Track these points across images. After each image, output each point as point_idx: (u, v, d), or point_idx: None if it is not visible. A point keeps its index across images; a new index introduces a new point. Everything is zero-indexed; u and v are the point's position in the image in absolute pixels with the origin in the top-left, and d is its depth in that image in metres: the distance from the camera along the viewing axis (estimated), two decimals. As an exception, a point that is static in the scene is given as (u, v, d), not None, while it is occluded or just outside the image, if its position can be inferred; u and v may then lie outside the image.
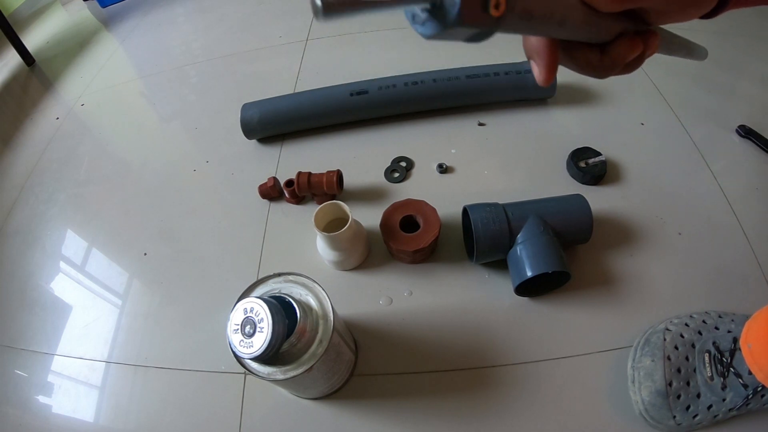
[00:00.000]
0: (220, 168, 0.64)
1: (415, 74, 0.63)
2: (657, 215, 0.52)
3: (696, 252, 0.49)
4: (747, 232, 0.51)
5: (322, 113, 0.63)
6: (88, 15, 1.10)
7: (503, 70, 0.61)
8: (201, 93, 0.77)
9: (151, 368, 0.48)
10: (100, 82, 0.86)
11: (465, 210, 0.47)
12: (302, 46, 0.81)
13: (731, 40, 0.74)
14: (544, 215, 0.45)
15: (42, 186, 0.68)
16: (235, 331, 0.30)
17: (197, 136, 0.69)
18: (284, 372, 0.32)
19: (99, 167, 0.69)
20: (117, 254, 0.58)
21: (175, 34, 0.93)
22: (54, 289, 0.56)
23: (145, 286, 0.54)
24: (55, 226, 0.63)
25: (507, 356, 0.44)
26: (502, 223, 0.45)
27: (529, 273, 0.42)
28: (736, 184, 0.55)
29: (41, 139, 0.76)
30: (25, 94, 0.89)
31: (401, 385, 0.43)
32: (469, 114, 0.65)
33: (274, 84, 0.73)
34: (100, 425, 0.45)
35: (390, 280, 0.50)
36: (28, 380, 0.50)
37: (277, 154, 0.64)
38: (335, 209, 0.49)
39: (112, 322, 0.52)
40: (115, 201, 0.63)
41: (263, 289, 0.36)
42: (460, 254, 0.51)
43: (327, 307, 0.34)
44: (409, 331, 0.46)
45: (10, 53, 0.96)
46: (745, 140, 0.59)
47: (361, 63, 0.75)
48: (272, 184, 0.57)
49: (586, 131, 0.61)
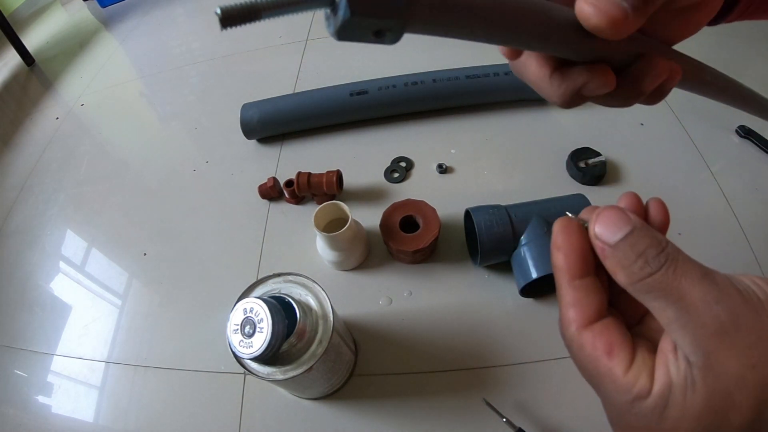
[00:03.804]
0: (220, 168, 0.64)
1: (415, 74, 0.63)
2: (657, 215, 0.52)
3: (696, 252, 0.49)
4: (747, 232, 0.50)
5: (322, 113, 0.63)
6: (87, 15, 1.10)
7: (503, 70, 0.61)
8: (201, 93, 0.77)
9: (151, 368, 0.48)
10: (100, 82, 0.86)
11: (467, 212, 0.47)
12: (302, 46, 0.81)
13: (731, 40, 0.73)
14: (547, 216, 0.45)
15: (42, 186, 0.68)
16: (235, 332, 0.30)
17: (197, 136, 0.69)
18: (284, 372, 0.32)
19: (99, 167, 0.69)
20: (117, 254, 0.58)
21: (175, 34, 0.93)
22: (54, 289, 0.56)
23: (145, 286, 0.54)
24: (54, 226, 0.63)
25: (507, 356, 0.44)
26: (506, 225, 0.44)
27: (535, 274, 0.42)
28: (736, 184, 0.54)
29: (41, 139, 0.76)
30: (25, 94, 0.89)
31: (401, 385, 0.43)
32: (469, 114, 0.65)
33: (274, 84, 0.73)
34: (100, 425, 0.45)
35: (390, 281, 0.50)
36: (27, 380, 0.50)
37: (277, 154, 0.64)
38: (335, 209, 0.49)
39: (112, 322, 0.52)
40: (115, 201, 0.63)
41: (263, 289, 0.36)
42: (460, 254, 0.51)
43: (327, 307, 0.34)
44: (409, 331, 0.46)
45: (10, 53, 0.96)
46: (745, 140, 0.59)
47: (361, 63, 0.75)
48: (272, 184, 0.57)
49: (586, 131, 0.61)
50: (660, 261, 0.16)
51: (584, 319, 0.18)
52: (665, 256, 0.16)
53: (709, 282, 0.16)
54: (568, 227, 0.19)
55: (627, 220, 0.17)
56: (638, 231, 0.17)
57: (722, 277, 0.16)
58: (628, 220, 0.17)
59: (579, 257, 0.19)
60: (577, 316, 0.18)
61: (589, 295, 0.18)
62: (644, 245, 0.17)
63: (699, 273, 0.16)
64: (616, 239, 0.17)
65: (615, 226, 0.17)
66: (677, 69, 0.20)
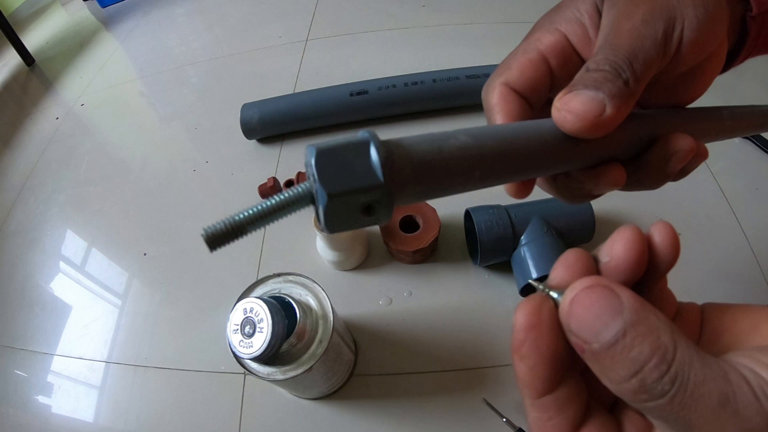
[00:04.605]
0: (220, 168, 0.64)
1: (415, 74, 0.63)
2: (657, 215, 0.52)
3: (696, 252, 0.49)
4: (747, 232, 0.50)
5: (322, 113, 0.63)
6: (87, 15, 1.10)
7: (503, 70, 0.61)
8: (201, 93, 0.77)
9: (151, 368, 0.48)
10: (100, 82, 0.85)
11: (467, 212, 0.47)
12: (302, 46, 0.81)
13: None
14: (547, 216, 0.45)
15: (42, 186, 0.68)
16: (235, 332, 0.30)
17: (197, 136, 0.69)
18: (284, 372, 0.32)
19: (99, 167, 0.69)
20: (117, 254, 0.58)
21: (175, 34, 0.93)
22: (54, 289, 0.56)
23: (145, 286, 0.54)
24: (54, 226, 0.63)
25: (507, 356, 0.44)
26: (506, 224, 0.45)
27: (535, 274, 0.42)
28: (736, 184, 0.54)
29: (41, 139, 0.76)
30: (25, 94, 0.89)
31: (401, 385, 0.43)
32: (469, 114, 0.65)
33: (274, 84, 0.73)
34: (100, 425, 0.45)
35: (390, 281, 0.50)
36: (27, 380, 0.50)
37: (277, 154, 0.64)
38: (335, 209, 0.49)
39: (112, 322, 0.52)
40: (115, 201, 0.63)
41: (263, 289, 0.36)
42: (460, 254, 0.51)
43: (327, 308, 0.34)
44: (409, 331, 0.46)
45: (10, 53, 0.95)
46: (745, 140, 0.59)
47: (361, 63, 0.75)
48: (272, 184, 0.57)
49: (586, 131, 0.61)
50: (664, 388, 0.11)
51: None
52: (671, 379, 0.11)
53: (730, 414, 0.11)
54: (537, 317, 0.13)
55: (616, 309, 0.12)
56: (632, 332, 0.11)
57: (748, 400, 0.11)
58: (617, 311, 0.12)
59: (550, 365, 0.13)
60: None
61: (561, 412, 0.14)
62: (642, 358, 0.11)
63: (717, 399, 0.11)
64: (599, 346, 0.12)
65: (597, 321, 0.12)
66: (703, 150, 0.18)
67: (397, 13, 0.83)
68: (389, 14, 0.83)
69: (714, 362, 0.11)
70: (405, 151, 0.13)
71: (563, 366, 0.13)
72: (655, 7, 0.17)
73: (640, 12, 0.17)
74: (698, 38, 0.17)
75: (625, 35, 0.16)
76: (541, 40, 0.19)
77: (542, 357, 0.13)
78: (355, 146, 0.13)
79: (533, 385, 0.13)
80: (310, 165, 0.12)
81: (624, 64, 0.16)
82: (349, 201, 0.12)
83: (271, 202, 0.13)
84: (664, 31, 0.16)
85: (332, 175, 0.12)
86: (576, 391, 0.14)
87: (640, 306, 0.12)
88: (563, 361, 0.13)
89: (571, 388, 0.14)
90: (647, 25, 0.16)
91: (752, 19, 0.19)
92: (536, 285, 0.14)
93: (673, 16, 0.16)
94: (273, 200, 0.13)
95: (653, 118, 0.18)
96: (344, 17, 0.85)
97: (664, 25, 0.16)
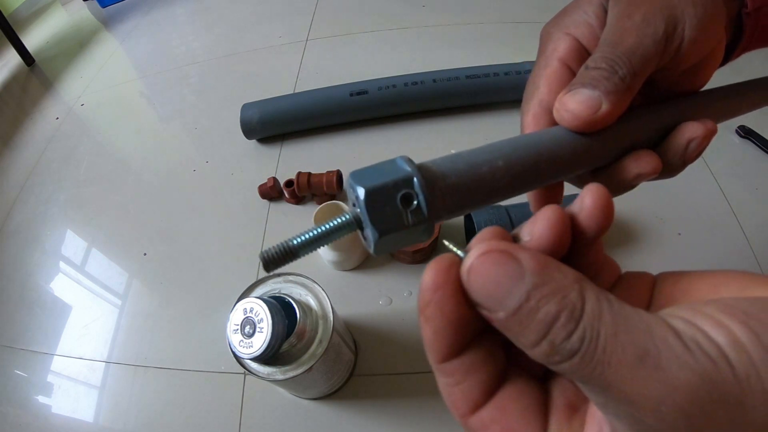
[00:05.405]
0: (219, 168, 0.64)
1: (415, 74, 0.63)
2: (657, 215, 0.52)
3: (696, 252, 0.49)
4: (747, 232, 0.50)
5: (322, 113, 0.63)
6: (87, 15, 1.10)
7: (503, 70, 0.61)
8: (201, 93, 0.77)
9: (151, 368, 0.48)
10: (100, 82, 0.85)
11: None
12: (302, 46, 0.81)
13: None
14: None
15: (42, 186, 0.68)
16: (235, 332, 0.30)
17: (197, 136, 0.69)
18: (284, 372, 0.32)
19: (99, 167, 0.69)
20: (117, 254, 0.58)
21: (175, 34, 0.93)
22: (54, 289, 0.56)
23: (145, 286, 0.54)
24: (55, 226, 0.63)
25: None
26: (506, 225, 0.45)
27: None
28: (736, 184, 0.54)
29: (41, 139, 0.76)
30: (25, 94, 0.89)
31: (401, 385, 0.43)
32: (469, 114, 0.65)
33: (274, 84, 0.73)
34: (100, 425, 0.45)
35: (390, 280, 0.50)
36: (27, 380, 0.50)
37: (277, 154, 0.64)
38: (335, 209, 0.49)
39: (112, 322, 0.52)
40: (115, 201, 0.63)
41: (263, 289, 0.36)
42: (460, 254, 0.51)
43: (327, 308, 0.34)
44: (409, 331, 0.46)
45: (10, 53, 0.96)
46: (745, 140, 0.59)
47: (361, 63, 0.75)
48: (272, 184, 0.57)
49: (586, 131, 0.61)
50: (573, 346, 0.10)
51: (468, 404, 0.13)
52: (580, 337, 0.10)
53: (650, 369, 0.10)
54: (444, 277, 0.12)
55: (516, 274, 0.11)
56: (536, 294, 0.11)
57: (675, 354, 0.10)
58: (518, 275, 0.11)
59: (455, 329, 0.13)
60: (458, 402, 0.13)
61: (469, 377, 0.13)
62: (549, 319, 0.11)
63: (633, 353, 0.10)
64: (505, 314, 0.11)
65: (499, 288, 0.11)
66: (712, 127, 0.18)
67: (397, 13, 0.83)
68: (389, 14, 0.83)
69: (634, 314, 0.10)
70: (446, 184, 0.15)
71: (470, 330, 0.13)
72: (656, 6, 0.17)
73: (641, 11, 0.17)
74: (699, 37, 0.17)
75: (625, 33, 0.17)
76: (557, 49, 0.19)
77: (447, 320, 0.12)
78: (401, 184, 0.14)
79: (437, 348, 0.13)
80: (358, 199, 0.14)
81: (621, 61, 0.16)
82: (397, 237, 0.14)
83: (321, 229, 0.15)
84: (665, 30, 0.16)
85: (382, 216, 0.14)
86: (487, 355, 0.13)
87: (542, 267, 0.11)
88: (470, 325, 0.13)
89: (480, 352, 0.13)
90: (648, 23, 0.17)
91: (747, 15, 0.20)
92: (447, 244, 0.14)
93: (674, 15, 0.17)
94: (323, 227, 0.15)
95: (666, 107, 0.19)
96: (344, 17, 0.85)
97: (665, 24, 0.16)
